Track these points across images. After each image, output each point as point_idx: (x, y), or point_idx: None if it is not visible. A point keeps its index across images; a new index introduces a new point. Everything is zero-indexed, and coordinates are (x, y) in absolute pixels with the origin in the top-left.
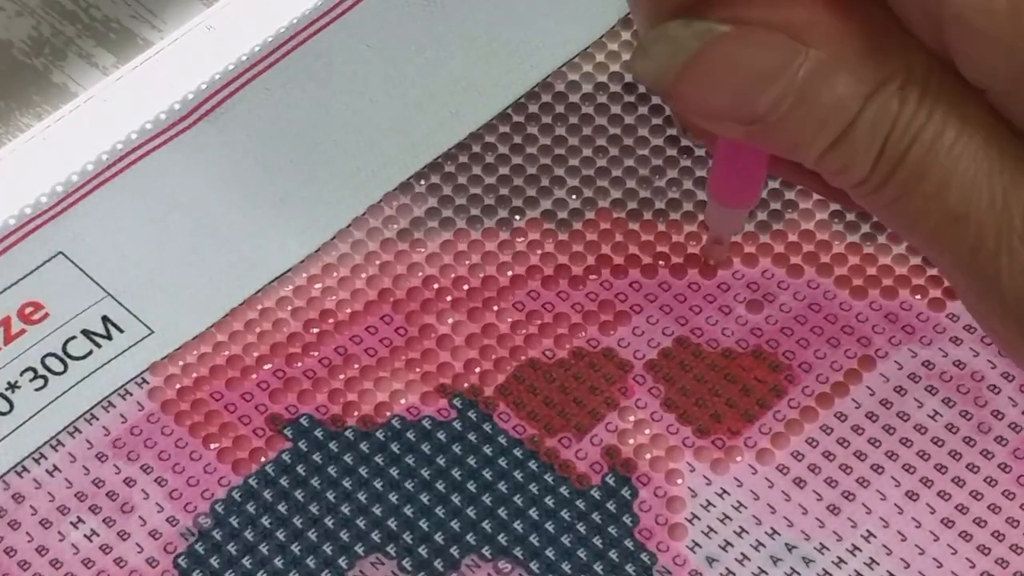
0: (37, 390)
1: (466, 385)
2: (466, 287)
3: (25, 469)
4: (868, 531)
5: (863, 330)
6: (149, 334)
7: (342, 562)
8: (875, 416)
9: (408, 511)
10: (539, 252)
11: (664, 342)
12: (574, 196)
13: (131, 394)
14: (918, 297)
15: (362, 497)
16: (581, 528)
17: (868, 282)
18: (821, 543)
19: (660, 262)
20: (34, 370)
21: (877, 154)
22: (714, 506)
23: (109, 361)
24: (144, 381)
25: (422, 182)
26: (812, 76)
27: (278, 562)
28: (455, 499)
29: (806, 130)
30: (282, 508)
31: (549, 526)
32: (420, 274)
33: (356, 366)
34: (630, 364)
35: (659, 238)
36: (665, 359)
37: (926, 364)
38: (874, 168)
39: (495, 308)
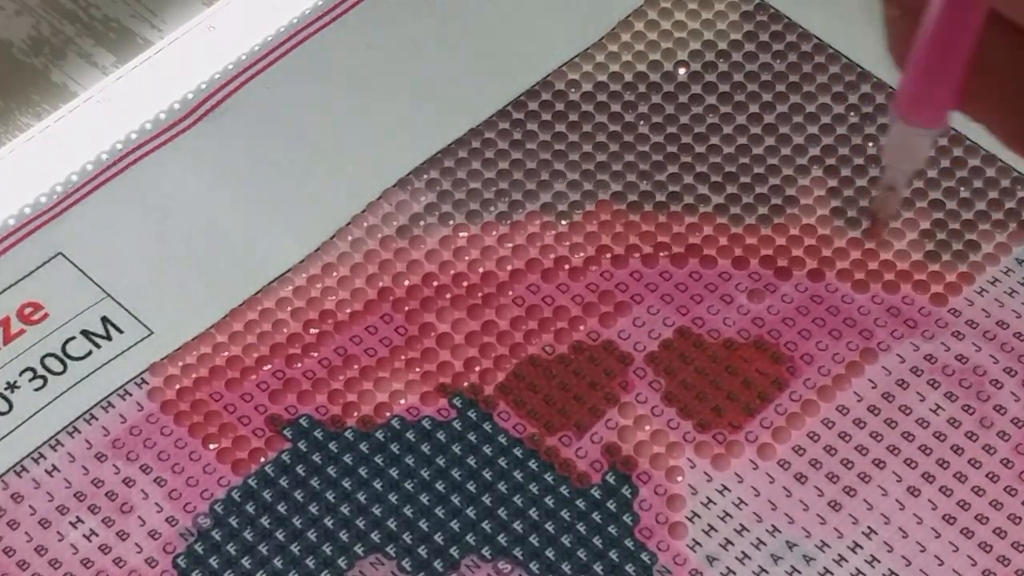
0: (36, 390)
1: (466, 384)
2: (466, 283)
3: (24, 469)
4: (869, 528)
5: (865, 323)
6: (148, 335)
7: (342, 562)
8: (877, 409)
9: (408, 511)
10: (539, 245)
11: (665, 332)
12: (574, 189)
13: (130, 394)
14: (919, 292)
15: (362, 497)
16: (581, 528)
17: (870, 276)
18: (822, 540)
19: (661, 252)
20: (33, 370)
21: None
22: (714, 503)
23: (108, 361)
24: (143, 382)
25: (422, 177)
26: None
27: (277, 562)
28: (455, 499)
29: None
30: (281, 508)
31: (549, 526)
32: (420, 271)
33: (356, 367)
34: (630, 357)
35: (660, 228)
36: (666, 350)
37: (928, 358)
38: None
39: (495, 304)
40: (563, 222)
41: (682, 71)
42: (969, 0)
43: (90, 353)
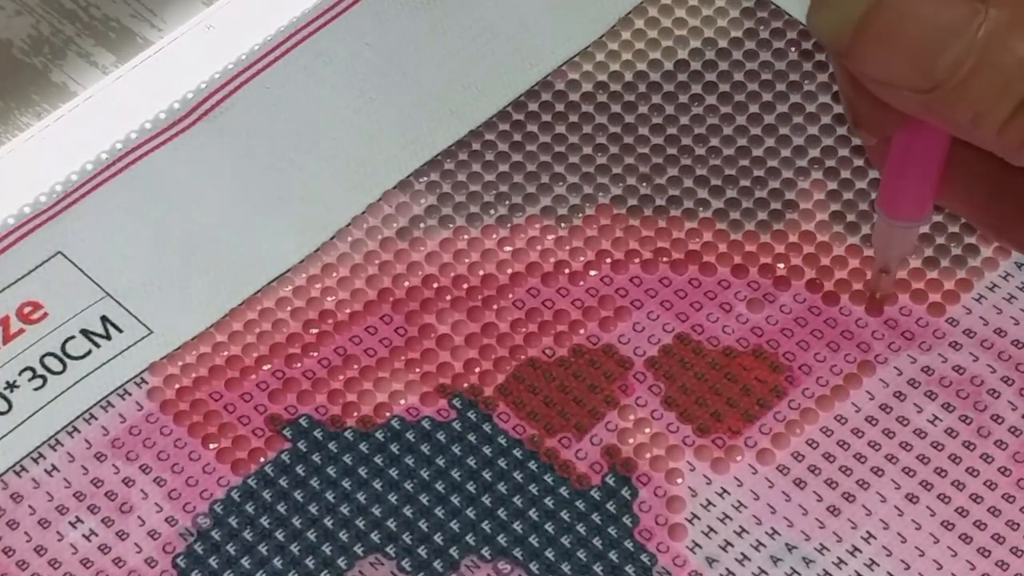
0: (36, 390)
1: (466, 385)
2: (466, 286)
3: (24, 469)
4: (868, 532)
5: (863, 335)
6: (148, 334)
7: (341, 562)
8: (875, 420)
9: (407, 512)
10: (539, 248)
11: (665, 338)
12: (574, 193)
13: (130, 394)
14: (917, 302)
15: (361, 498)
16: (581, 529)
17: (867, 286)
18: (821, 544)
19: (661, 258)
20: (33, 370)
21: None
22: (714, 506)
23: (108, 361)
24: (143, 381)
25: (422, 179)
26: (992, 36)
27: (277, 562)
28: (454, 500)
29: (988, 95)
30: (281, 508)
31: (549, 527)
32: (420, 273)
33: (355, 367)
34: (630, 361)
35: (660, 234)
36: (665, 356)
37: (925, 370)
38: None
39: (495, 307)
40: (563, 226)
41: (682, 70)
42: (932, 131)
43: (89, 352)
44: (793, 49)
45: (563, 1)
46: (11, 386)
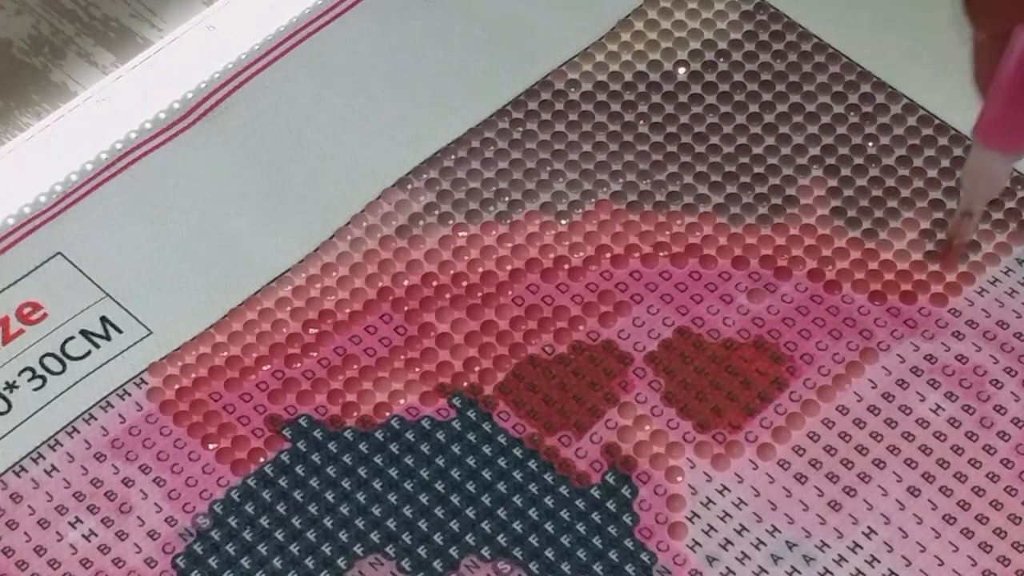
0: (35, 390)
1: (465, 384)
2: (465, 283)
3: (23, 469)
4: (869, 528)
5: (865, 323)
6: (148, 335)
7: (341, 562)
8: (877, 409)
9: (407, 511)
10: (538, 244)
11: (665, 332)
12: (573, 189)
13: (129, 394)
14: (920, 291)
15: (361, 497)
16: (581, 528)
17: (870, 276)
18: (822, 540)
19: (661, 251)
20: (32, 370)
21: None
22: (714, 503)
23: (107, 361)
24: (143, 381)
25: (421, 177)
26: None
27: (277, 562)
28: (454, 499)
29: None
30: (281, 508)
31: (549, 526)
32: (419, 271)
33: (355, 367)
34: (630, 357)
35: (659, 228)
36: (666, 350)
37: (928, 358)
38: None
39: (495, 304)
40: (563, 221)
41: (682, 71)
42: None
43: (89, 353)
44: (792, 51)
45: (563, 2)
46: (11, 386)
